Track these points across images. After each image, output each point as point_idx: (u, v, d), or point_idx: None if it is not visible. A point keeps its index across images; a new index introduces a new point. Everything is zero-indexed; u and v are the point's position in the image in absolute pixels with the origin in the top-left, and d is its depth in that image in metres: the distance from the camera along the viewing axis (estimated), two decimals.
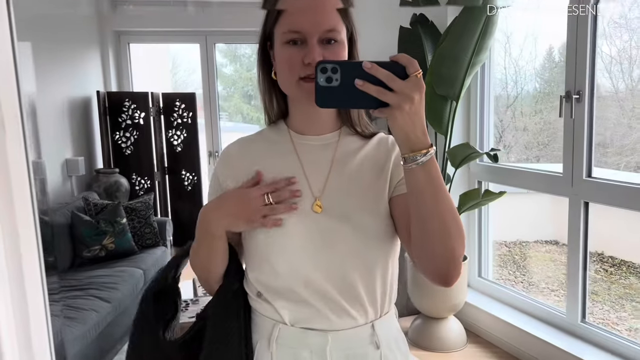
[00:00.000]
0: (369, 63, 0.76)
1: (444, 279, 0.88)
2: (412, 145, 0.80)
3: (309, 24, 0.88)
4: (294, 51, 0.90)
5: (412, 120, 0.78)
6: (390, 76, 0.76)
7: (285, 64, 0.91)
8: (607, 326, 3.27)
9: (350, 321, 0.96)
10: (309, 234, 0.94)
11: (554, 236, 4.49)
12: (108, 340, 2.83)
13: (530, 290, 4.00)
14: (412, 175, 0.82)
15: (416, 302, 3.08)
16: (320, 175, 0.98)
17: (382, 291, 0.98)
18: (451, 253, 0.85)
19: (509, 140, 4.66)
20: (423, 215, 0.84)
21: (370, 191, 0.96)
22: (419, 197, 0.84)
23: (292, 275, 0.94)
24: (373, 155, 1.00)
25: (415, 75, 0.76)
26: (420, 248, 0.88)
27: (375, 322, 0.98)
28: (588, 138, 2.53)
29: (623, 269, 3.79)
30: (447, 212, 0.84)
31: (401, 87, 0.76)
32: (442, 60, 2.70)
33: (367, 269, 0.95)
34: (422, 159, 0.80)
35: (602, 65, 3.47)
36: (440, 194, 0.83)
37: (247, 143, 1.05)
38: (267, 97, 1.02)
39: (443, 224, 0.84)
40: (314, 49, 0.88)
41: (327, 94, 0.79)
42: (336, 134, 1.01)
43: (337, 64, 0.78)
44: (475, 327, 3.17)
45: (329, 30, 0.89)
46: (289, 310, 0.96)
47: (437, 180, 0.82)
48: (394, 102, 0.76)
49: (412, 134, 0.79)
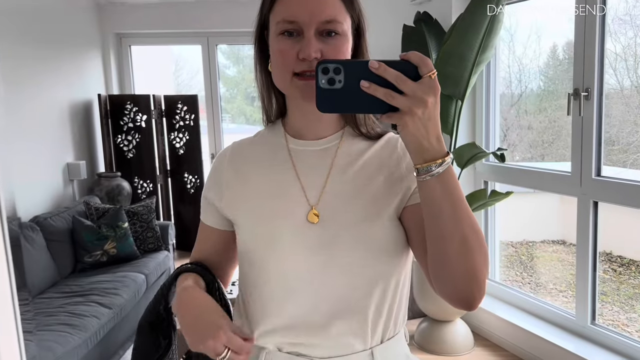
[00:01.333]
0: (377, 62, 0.68)
1: (467, 302, 0.77)
2: (426, 154, 0.70)
3: (306, 13, 0.79)
4: (289, 44, 0.81)
5: (426, 127, 0.68)
6: (401, 77, 0.67)
7: (279, 57, 0.82)
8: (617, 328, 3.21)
9: (345, 348, 0.86)
10: (304, 248, 0.84)
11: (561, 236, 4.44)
12: (110, 347, 2.80)
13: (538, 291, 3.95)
14: (427, 188, 0.72)
15: (422, 305, 3.03)
16: (317, 180, 0.88)
17: (388, 312, 0.87)
18: (474, 274, 0.75)
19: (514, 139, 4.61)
20: (441, 234, 0.74)
21: (376, 198, 0.85)
22: (435, 213, 0.73)
23: (281, 298, 0.86)
24: (380, 158, 0.89)
25: (429, 75, 0.67)
26: (438, 269, 0.77)
27: (375, 349, 0.87)
28: (597, 136, 2.48)
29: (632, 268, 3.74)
30: (469, 229, 0.73)
31: (413, 90, 0.66)
32: (447, 59, 2.65)
33: (370, 287, 0.84)
34: (438, 170, 0.71)
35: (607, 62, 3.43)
36: (460, 209, 0.73)
37: (240, 149, 0.97)
38: (264, 92, 0.92)
39: (464, 243, 0.73)
40: (310, 43, 0.79)
41: (329, 97, 0.70)
42: (338, 136, 0.91)
43: (341, 63, 0.69)
44: (483, 330, 3.13)
45: (328, 21, 0.79)
46: (278, 335, 0.88)
47: (456, 192, 0.73)
48: (404, 106, 0.67)
49: (426, 141, 0.69)
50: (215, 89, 4.79)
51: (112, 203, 3.99)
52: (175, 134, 4.57)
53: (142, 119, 4.42)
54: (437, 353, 2.93)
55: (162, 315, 1.03)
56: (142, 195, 4.48)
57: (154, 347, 1.03)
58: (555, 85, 4.26)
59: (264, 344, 0.90)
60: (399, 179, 0.87)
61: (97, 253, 3.33)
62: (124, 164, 4.43)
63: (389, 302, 0.87)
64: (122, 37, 4.71)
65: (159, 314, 1.03)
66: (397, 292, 0.88)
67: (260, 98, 0.94)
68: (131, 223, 3.62)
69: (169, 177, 4.68)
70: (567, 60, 2.74)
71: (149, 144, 4.48)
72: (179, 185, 4.66)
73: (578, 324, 2.68)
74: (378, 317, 0.87)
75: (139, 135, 4.44)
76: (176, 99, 4.55)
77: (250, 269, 0.89)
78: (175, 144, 4.59)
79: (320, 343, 0.86)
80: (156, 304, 1.02)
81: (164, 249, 3.75)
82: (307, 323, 0.85)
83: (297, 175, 0.89)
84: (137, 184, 4.48)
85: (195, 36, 4.72)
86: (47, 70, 3.75)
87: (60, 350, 2.31)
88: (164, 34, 4.73)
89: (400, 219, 0.87)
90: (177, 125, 4.55)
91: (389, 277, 0.86)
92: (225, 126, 4.98)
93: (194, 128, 4.54)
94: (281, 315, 0.87)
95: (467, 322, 3.10)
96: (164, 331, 1.04)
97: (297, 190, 0.88)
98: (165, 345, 1.04)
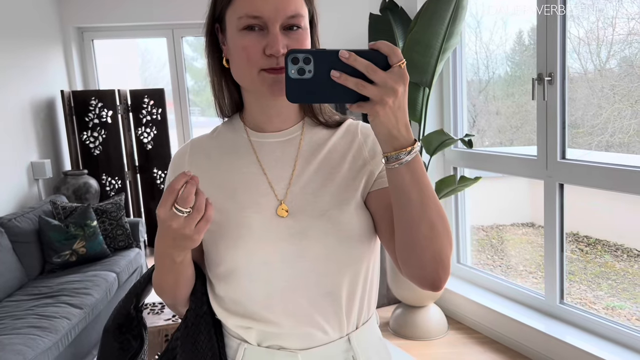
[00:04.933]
0: (347, 52, 0.67)
1: (433, 283, 0.80)
2: (395, 142, 0.72)
3: (271, 8, 0.78)
4: (253, 39, 0.80)
5: (395, 115, 0.69)
6: (371, 66, 0.67)
7: (242, 53, 0.80)
8: (585, 306, 3.30)
9: (322, 337, 0.86)
10: (275, 241, 0.84)
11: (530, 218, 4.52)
12: (82, 348, 2.75)
13: (509, 273, 4.03)
14: (396, 175, 0.74)
15: (396, 291, 3.06)
16: (283, 175, 0.88)
17: (361, 297, 0.89)
18: (440, 257, 0.77)
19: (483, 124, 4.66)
20: (409, 220, 0.76)
21: (342, 186, 0.86)
22: (404, 200, 0.75)
23: (256, 291, 0.85)
24: (342, 145, 0.90)
25: (399, 65, 0.68)
26: (406, 253, 0.79)
27: (351, 335, 0.89)
28: (561, 120, 2.53)
29: (598, 247, 3.84)
30: (435, 214, 0.76)
31: (384, 79, 0.67)
32: (413, 46, 2.66)
33: (342, 273, 0.85)
34: (407, 158, 0.72)
35: (570, 47, 3.49)
36: (427, 195, 0.75)
37: (199, 145, 0.95)
38: (218, 88, 0.91)
39: (432, 228, 0.76)
40: (277, 38, 0.78)
41: (299, 88, 0.69)
42: (299, 127, 0.91)
43: (311, 53, 0.69)
44: (456, 313, 3.18)
45: (292, 15, 0.79)
46: (256, 329, 0.87)
47: (423, 179, 0.74)
48: (375, 95, 0.67)
49: (395, 129, 0.70)
50: (182, 82, 4.71)
51: (80, 201, 3.91)
52: (142, 128, 4.49)
53: (107, 115, 4.32)
54: (412, 338, 2.97)
55: (132, 315, 1.01)
56: (110, 193, 4.40)
57: (123, 349, 1.01)
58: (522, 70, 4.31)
59: (241, 338, 0.89)
60: (362, 164, 0.89)
61: (65, 253, 3.26)
62: (90, 161, 4.34)
63: (361, 286, 0.88)
64: (83, 32, 4.58)
65: (128, 314, 1.01)
66: (367, 276, 0.89)
67: (214, 93, 0.92)
68: (100, 221, 3.56)
69: (138, 173, 4.60)
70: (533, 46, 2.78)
71: (115, 140, 4.39)
72: (149, 181, 4.59)
73: (548, 304, 2.74)
74: (352, 303, 0.87)
75: (105, 132, 4.35)
76: (142, 93, 4.46)
77: (220, 262, 0.87)
78: (143, 139, 4.51)
79: (297, 333, 0.86)
80: (126, 304, 1.00)
81: (134, 246, 3.69)
82: (282, 314, 0.85)
83: (262, 168, 0.89)
84: (105, 181, 4.39)
85: (160, 29, 4.62)
86: (6, 67, 3.63)
87: (31, 353, 2.26)
88: (127, 27, 4.62)
89: (366, 204, 0.88)
90: (145, 120, 4.47)
91: (360, 262, 0.86)
92: (194, 119, 4.91)
93: (161, 122, 4.47)
94: (255, 308, 0.86)
95: (441, 307, 3.15)
96: (133, 331, 1.02)
97: (264, 184, 0.87)
98: (136, 346, 1.02)
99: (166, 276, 0.87)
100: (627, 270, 3.59)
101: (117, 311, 1.01)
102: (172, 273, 0.86)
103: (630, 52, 3.15)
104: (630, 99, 3.21)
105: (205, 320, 0.91)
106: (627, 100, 3.23)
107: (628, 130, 3.28)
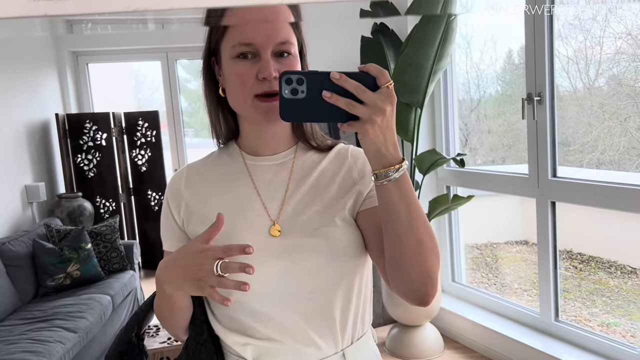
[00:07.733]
0: (338, 73, 0.71)
1: (422, 299, 0.83)
2: (384, 160, 0.75)
3: (262, 35, 0.83)
4: (246, 65, 0.84)
5: (384, 134, 0.73)
6: (360, 87, 0.71)
7: (237, 80, 0.85)
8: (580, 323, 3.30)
9: (317, 353, 0.88)
10: (269, 259, 0.86)
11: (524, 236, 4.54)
12: None
13: (504, 291, 4.03)
14: (385, 192, 0.78)
15: (392, 311, 3.06)
16: (277, 196, 0.91)
17: (355, 311, 0.91)
18: (427, 273, 0.80)
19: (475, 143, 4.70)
20: (398, 236, 0.79)
21: (330, 203, 0.90)
22: (393, 216, 0.79)
23: (251, 308, 0.87)
24: (332, 168, 0.94)
25: (387, 86, 0.72)
26: (395, 270, 0.82)
27: (346, 350, 0.90)
28: (551, 138, 2.57)
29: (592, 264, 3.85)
30: (423, 231, 0.79)
31: (372, 99, 0.71)
32: (405, 68, 2.71)
33: (335, 288, 0.87)
34: (395, 175, 0.76)
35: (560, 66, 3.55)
36: (415, 212, 0.78)
37: (195, 170, 0.97)
38: (215, 117, 0.95)
39: (419, 244, 0.79)
40: (269, 63, 0.82)
41: (292, 107, 0.73)
42: (292, 151, 0.95)
43: (303, 74, 0.73)
44: (452, 332, 3.17)
45: (282, 42, 0.84)
46: (252, 346, 0.89)
47: (411, 196, 0.78)
48: (364, 115, 0.71)
49: (384, 147, 0.74)
50: (176, 104, 4.74)
51: (74, 224, 3.90)
52: (137, 150, 4.50)
53: (102, 137, 4.34)
54: (409, 358, 2.96)
55: (134, 342, 1.03)
56: (104, 215, 4.39)
57: None
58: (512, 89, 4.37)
59: (239, 355, 0.91)
60: (352, 184, 0.92)
61: (60, 276, 3.24)
62: (85, 183, 4.34)
63: (355, 301, 0.90)
64: (78, 56, 4.62)
65: (130, 342, 1.02)
66: (361, 291, 0.92)
67: (211, 122, 0.96)
68: (94, 244, 3.54)
69: (132, 195, 4.60)
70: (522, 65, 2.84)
71: (110, 162, 4.40)
72: (143, 203, 4.59)
73: (543, 322, 2.74)
74: (346, 317, 0.90)
75: (100, 154, 4.36)
76: (136, 116, 4.49)
77: None
78: (138, 161, 4.52)
79: (292, 349, 0.87)
80: (128, 331, 1.02)
81: (129, 268, 3.67)
82: (277, 330, 0.87)
83: (256, 190, 0.92)
84: (99, 204, 4.38)
85: (154, 52, 4.67)
86: (1, 90, 3.65)
87: None
88: (122, 51, 4.66)
89: (357, 223, 0.91)
90: (139, 142, 4.49)
91: (352, 276, 0.89)
92: (188, 140, 4.93)
93: (156, 144, 4.49)
94: (250, 324, 0.88)
95: (437, 326, 3.14)
96: (135, 359, 1.03)
97: (258, 204, 0.90)
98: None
99: (162, 304, 0.89)
100: (621, 287, 3.61)
101: (119, 339, 1.02)
102: (166, 302, 0.88)
103: (618, 71, 3.21)
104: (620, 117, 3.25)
105: (207, 348, 0.92)
106: (617, 117, 3.28)
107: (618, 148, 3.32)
